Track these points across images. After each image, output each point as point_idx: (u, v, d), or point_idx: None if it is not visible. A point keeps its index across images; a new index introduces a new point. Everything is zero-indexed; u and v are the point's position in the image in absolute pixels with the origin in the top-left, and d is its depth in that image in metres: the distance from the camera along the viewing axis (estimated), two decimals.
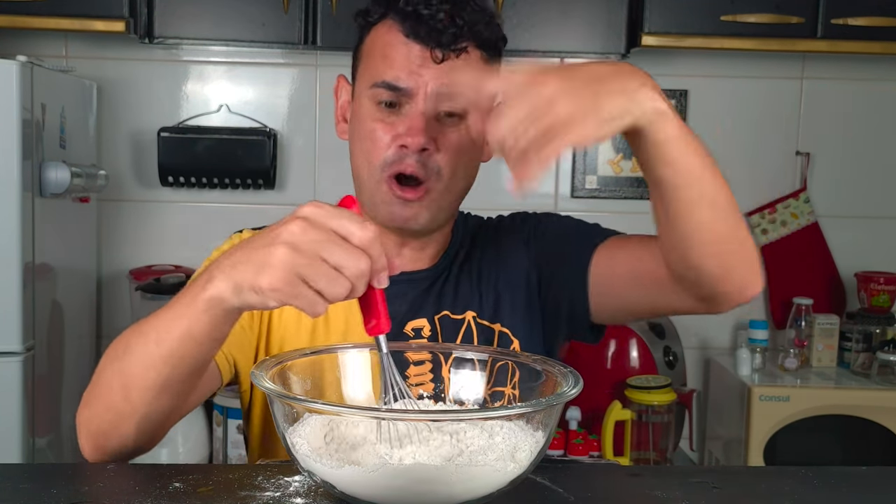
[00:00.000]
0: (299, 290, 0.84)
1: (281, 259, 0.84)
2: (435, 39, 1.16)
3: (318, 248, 0.84)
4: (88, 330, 2.56)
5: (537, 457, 0.86)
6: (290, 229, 0.85)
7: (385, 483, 0.81)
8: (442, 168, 1.20)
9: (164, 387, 0.98)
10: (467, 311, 1.27)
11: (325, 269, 0.84)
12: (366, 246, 0.85)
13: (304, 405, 0.87)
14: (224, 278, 0.88)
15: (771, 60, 2.73)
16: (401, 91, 1.18)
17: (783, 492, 0.95)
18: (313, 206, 0.86)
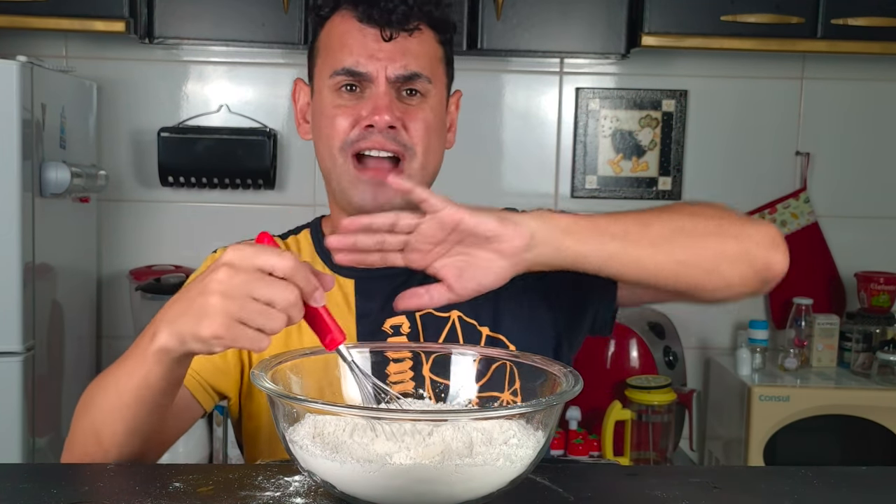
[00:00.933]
0: (238, 332, 0.88)
1: (215, 307, 0.88)
2: (387, 19, 1.19)
3: (247, 289, 0.88)
4: (88, 330, 2.56)
5: (537, 457, 0.86)
6: (218, 277, 0.89)
7: (385, 483, 0.81)
8: (414, 145, 1.21)
9: (130, 431, 1.04)
10: (452, 311, 1.25)
11: (258, 307, 0.88)
12: (289, 275, 0.88)
13: (304, 405, 0.87)
14: (168, 331, 0.93)
15: (771, 60, 2.73)
16: (361, 75, 1.20)
17: (783, 492, 0.95)
18: (233, 250, 0.90)
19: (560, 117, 2.76)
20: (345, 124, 1.21)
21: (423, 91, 1.22)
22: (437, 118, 1.25)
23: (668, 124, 2.76)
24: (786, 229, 2.77)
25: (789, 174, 2.81)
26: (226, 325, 0.88)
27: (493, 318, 1.25)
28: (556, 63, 2.75)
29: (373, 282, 1.26)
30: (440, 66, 1.26)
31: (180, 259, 2.66)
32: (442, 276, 1.03)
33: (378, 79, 1.20)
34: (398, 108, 1.21)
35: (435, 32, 1.25)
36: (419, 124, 1.22)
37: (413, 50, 1.21)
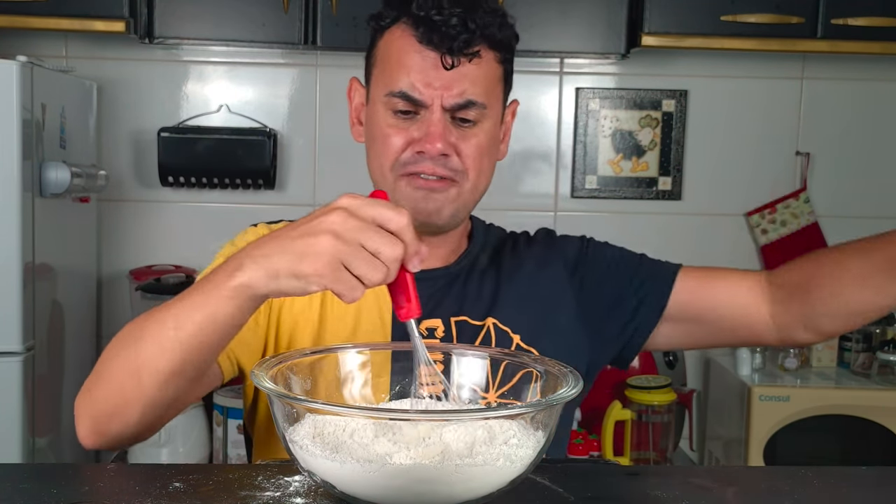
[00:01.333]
0: (341, 274, 0.88)
1: (325, 246, 0.88)
2: (447, 45, 1.17)
3: (359, 235, 0.88)
4: (88, 330, 2.56)
5: (537, 457, 0.86)
6: (332, 219, 0.88)
7: (385, 483, 0.81)
8: (467, 170, 1.22)
9: (175, 372, 1.00)
10: (488, 318, 1.26)
11: (365, 255, 0.88)
12: (401, 231, 0.89)
13: (304, 405, 0.87)
14: (256, 267, 0.91)
15: (771, 60, 2.73)
16: (416, 102, 1.19)
17: (783, 492, 0.95)
18: (351, 198, 0.90)
19: (560, 117, 2.76)
20: (397, 145, 1.21)
21: (479, 117, 1.21)
22: (491, 139, 1.24)
23: (668, 124, 2.76)
24: (786, 229, 2.77)
25: (789, 174, 2.81)
26: (331, 265, 0.88)
27: (528, 329, 1.26)
28: (556, 63, 2.75)
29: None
30: (498, 87, 1.24)
31: (180, 259, 2.66)
32: None
33: (433, 106, 1.19)
34: (452, 134, 1.20)
35: (496, 53, 1.22)
36: (472, 150, 1.21)
37: (471, 76, 1.19)
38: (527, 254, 1.35)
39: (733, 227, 2.81)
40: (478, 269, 1.31)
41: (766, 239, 2.77)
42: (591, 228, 2.71)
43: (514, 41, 1.25)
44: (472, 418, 0.88)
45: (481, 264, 1.32)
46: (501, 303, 1.27)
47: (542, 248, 1.36)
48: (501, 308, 1.27)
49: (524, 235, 1.40)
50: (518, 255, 1.34)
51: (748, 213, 2.79)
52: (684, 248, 2.80)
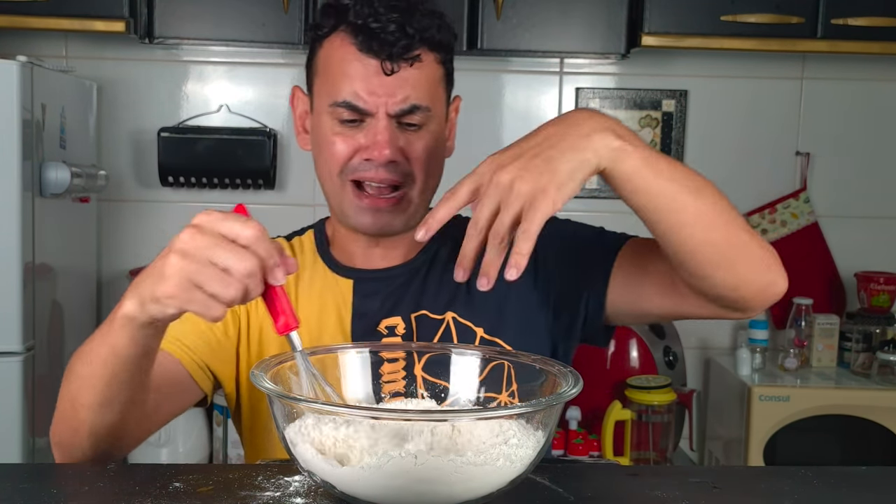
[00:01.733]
0: (193, 294, 0.87)
1: (173, 267, 0.87)
2: (387, 52, 1.17)
3: (207, 252, 0.87)
4: (88, 330, 2.53)
5: (537, 457, 0.86)
6: (181, 238, 0.88)
7: (384, 483, 0.81)
8: (415, 174, 1.21)
9: (103, 402, 1.03)
10: (447, 312, 1.25)
11: (215, 272, 0.86)
12: (251, 244, 0.87)
13: (303, 405, 0.87)
14: (131, 296, 0.94)
15: (771, 60, 2.73)
16: (361, 111, 1.19)
17: (783, 492, 0.95)
18: (203, 214, 0.90)
19: None
20: (344, 152, 1.21)
21: (424, 121, 1.21)
22: (438, 139, 1.24)
23: (668, 124, 2.76)
24: (786, 229, 2.77)
25: (789, 174, 2.81)
26: (181, 285, 0.87)
27: (489, 321, 1.25)
28: (556, 63, 2.75)
29: (372, 282, 1.27)
30: (440, 87, 1.25)
31: None
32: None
33: (378, 113, 1.19)
34: (399, 139, 1.20)
35: (437, 54, 1.23)
36: (420, 153, 1.21)
37: (413, 81, 1.19)
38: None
39: None
40: (438, 262, 1.29)
41: (766, 239, 2.77)
42: None
43: (453, 41, 1.25)
44: (471, 418, 0.88)
45: (441, 257, 1.30)
46: (461, 295, 1.25)
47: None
48: (461, 301, 1.25)
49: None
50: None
51: (748, 213, 2.79)
52: None
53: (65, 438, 1.08)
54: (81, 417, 1.04)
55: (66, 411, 1.06)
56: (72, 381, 1.05)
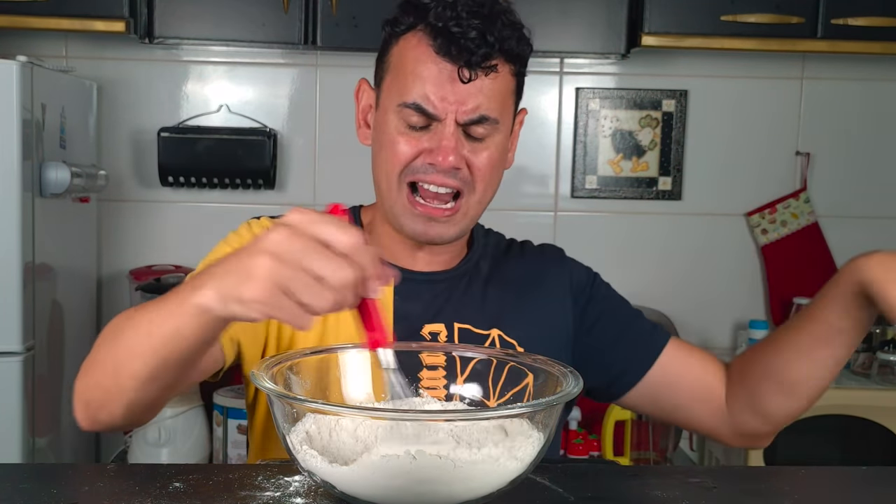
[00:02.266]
0: (282, 302, 0.80)
1: (263, 270, 0.80)
2: (465, 59, 1.14)
3: (300, 257, 0.79)
4: (88, 330, 2.56)
5: (537, 457, 0.86)
6: (274, 238, 0.81)
7: (384, 483, 0.81)
8: (475, 183, 1.20)
9: (151, 377, 0.97)
10: (493, 329, 1.25)
11: (308, 279, 0.79)
12: (350, 252, 0.80)
13: (304, 405, 0.87)
14: (212, 287, 0.85)
15: (771, 60, 2.73)
16: (430, 115, 1.17)
17: (783, 492, 0.95)
18: (297, 213, 0.82)
19: (560, 117, 2.76)
20: (407, 153, 1.18)
21: (491, 132, 1.19)
22: (500, 152, 1.23)
23: (668, 124, 2.76)
24: (786, 229, 2.77)
25: (789, 174, 2.81)
26: (270, 290, 0.80)
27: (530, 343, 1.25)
28: (556, 63, 2.75)
29: (413, 284, 1.25)
30: (510, 100, 1.23)
31: (180, 259, 2.66)
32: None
33: (447, 120, 1.16)
34: (464, 147, 1.18)
35: (512, 66, 1.21)
36: (483, 164, 1.20)
37: (487, 91, 1.17)
38: (533, 267, 1.33)
39: (733, 227, 2.81)
40: (480, 275, 1.30)
41: (766, 239, 2.78)
42: (591, 228, 2.74)
43: (529, 53, 1.25)
44: (472, 418, 0.87)
45: (483, 271, 1.30)
46: (507, 315, 1.26)
47: (551, 264, 1.34)
48: (507, 320, 1.26)
49: (528, 245, 1.38)
50: (523, 266, 1.33)
51: (748, 213, 2.79)
52: (684, 248, 2.81)
53: (95, 399, 1.02)
54: (123, 386, 0.98)
55: (106, 375, 1.00)
56: (119, 348, 0.98)
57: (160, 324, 0.92)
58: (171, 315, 0.91)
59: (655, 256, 2.80)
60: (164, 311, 0.92)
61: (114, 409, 1.01)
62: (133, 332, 0.96)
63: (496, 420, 0.88)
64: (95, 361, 1.02)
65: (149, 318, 0.94)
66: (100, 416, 1.03)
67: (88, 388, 1.02)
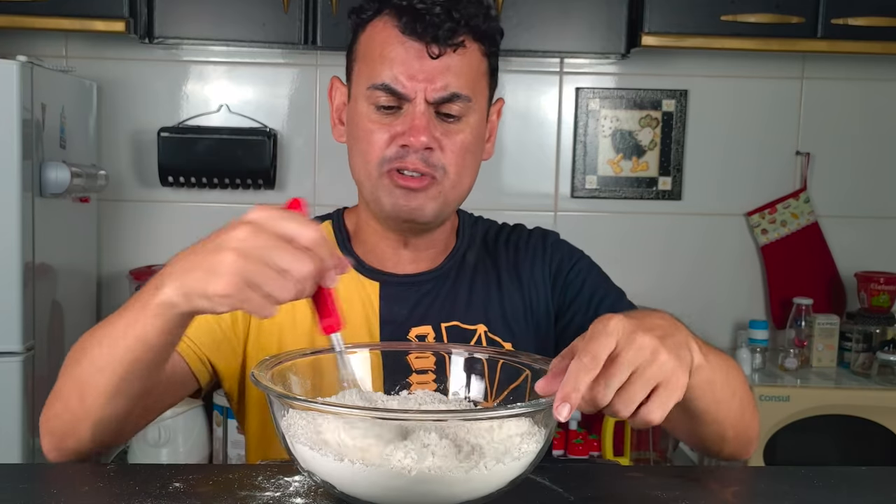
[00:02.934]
0: (248, 294, 0.84)
1: (229, 266, 0.84)
2: (432, 34, 1.14)
3: (265, 253, 0.84)
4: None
5: (537, 457, 0.86)
6: (238, 235, 0.85)
7: (384, 483, 0.81)
8: (447, 166, 1.19)
9: (116, 391, 1.00)
10: (479, 324, 1.25)
11: (272, 273, 0.84)
12: (311, 246, 0.85)
13: (303, 405, 0.87)
14: (174, 284, 0.89)
15: (771, 60, 2.73)
16: (399, 95, 1.16)
17: (783, 492, 0.95)
18: (259, 211, 0.86)
19: (560, 117, 2.76)
20: (381, 141, 1.18)
21: (463, 111, 1.18)
22: (476, 136, 1.21)
23: (668, 124, 2.76)
24: (786, 229, 2.77)
25: (789, 174, 2.81)
26: (236, 285, 0.84)
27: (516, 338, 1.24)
28: (556, 63, 2.75)
29: (399, 287, 1.25)
30: (483, 80, 1.22)
31: None
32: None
33: (416, 99, 1.16)
34: (436, 128, 1.17)
35: (481, 45, 1.19)
36: (456, 146, 1.19)
37: (455, 68, 1.16)
38: (520, 255, 1.32)
39: (733, 227, 2.81)
40: (466, 268, 1.29)
41: (766, 239, 2.78)
42: (591, 228, 2.74)
43: (498, 35, 1.23)
44: (472, 418, 0.87)
45: (469, 263, 1.29)
46: (492, 310, 1.26)
47: (537, 250, 1.33)
48: (492, 316, 1.26)
49: (518, 231, 1.37)
50: (511, 254, 1.32)
51: (748, 213, 2.79)
52: (684, 248, 2.81)
53: (61, 426, 1.05)
54: (88, 404, 1.01)
55: (70, 398, 1.03)
56: (81, 367, 1.02)
57: (123, 333, 0.96)
58: (134, 321, 0.95)
59: (655, 256, 2.80)
60: (125, 321, 0.96)
61: (81, 433, 1.04)
62: (96, 348, 1.00)
63: (496, 420, 0.88)
64: (59, 390, 1.05)
65: (109, 332, 0.99)
66: (67, 444, 1.06)
67: (54, 417, 1.06)
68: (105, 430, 1.04)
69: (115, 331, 0.97)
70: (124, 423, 1.06)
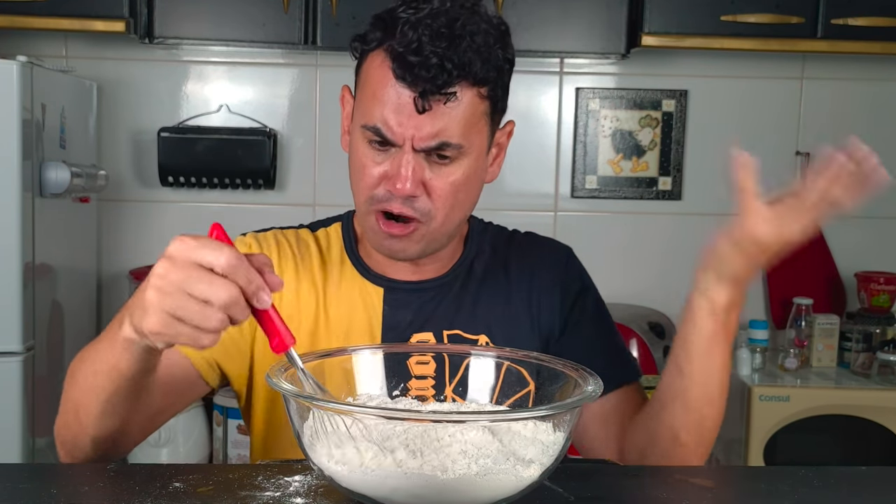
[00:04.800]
0: (177, 329, 0.86)
1: (151, 302, 0.86)
2: (421, 87, 1.10)
3: (182, 285, 0.85)
4: (88, 330, 2.56)
5: (556, 460, 0.85)
6: (157, 271, 0.87)
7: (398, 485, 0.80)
8: (433, 210, 1.16)
9: (103, 413, 1.03)
10: (481, 335, 1.24)
11: (194, 304, 0.85)
12: (228, 273, 0.85)
13: (319, 405, 0.86)
14: (128, 319, 0.92)
15: (771, 60, 2.73)
16: (388, 141, 1.14)
17: (783, 492, 0.95)
18: (176, 242, 0.87)
19: (560, 117, 2.76)
20: (371, 178, 1.17)
21: (455, 156, 1.16)
22: (470, 174, 1.18)
23: (668, 124, 2.76)
24: None
25: (789, 174, 2.81)
26: (163, 321, 0.86)
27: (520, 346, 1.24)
28: (556, 63, 2.75)
29: (404, 293, 1.24)
30: (480, 122, 1.17)
31: None
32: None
33: (404, 147, 1.14)
34: (425, 171, 1.15)
35: (479, 88, 1.14)
36: (444, 188, 1.16)
37: (447, 118, 1.12)
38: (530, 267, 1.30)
39: None
40: (473, 277, 1.27)
41: None
42: (591, 228, 2.74)
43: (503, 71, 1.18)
44: (490, 419, 0.86)
45: (476, 272, 1.28)
46: (496, 321, 1.25)
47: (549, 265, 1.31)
48: (495, 327, 1.25)
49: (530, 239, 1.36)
50: (520, 264, 1.30)
51: None
52: (684, 248, 2.81)
53: (68, 439, 1.09)
54: (83, 423, 1.05)
55: (69, 414, 1.07)
56: (74, 388, 1.05)
57: (101, 360, 0.99)
58: (108, 350, 0.97)
59: (655, 256, 2.80)
60: (101, 347, 0.99)
61: (83, 446, 1.08)
62: (83, 371, 1.03)
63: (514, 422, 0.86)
64: (64, 402, 1.09)
65: (92, 357, 1.01)
66: (75, 454, 1.10)
67: (62, 428, 1.10)
68: (104, 444, 1.08)
69: (97, 357, 1.00)
70: (123, 436, 1.09)
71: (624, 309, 2.56)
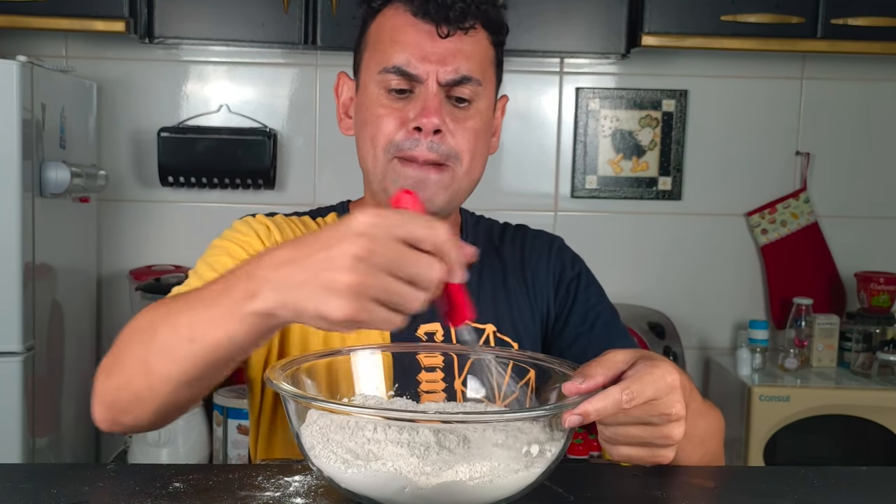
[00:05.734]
0: (374, 313, 0.78)
1: (348, 286, 0.76)
2: (443, 14, 1.15)
3: (389, 267, 0.77)
4: (88, 330, 2.56)
5: (555, 461, 0.85)
6: (353, 251, 0.77)
7: (395, 485, 0.80)
8: (460, 152, 1.18)
9: (188, 382, 0.93)
10: (488, 324, 1.24)
11: (399, 286, 0.77)
12: (438, 249, 0.79)
13: (318, 405, 0.86)
14: (275, 296, 0.81)
15: (771, 60, 2.73)
16: (412, 77, 1.16)
17: (783, 492, 0.95)
18: (372, 218, 0.78)
19: (560, 117, 2.76)
20: (391, 126, 1.17)
21: (473, 95, 1.19)
22: (485, 123, 1.21)
23: (668, 124, 2.76)
24: (786, 229, 2.77)
25: (789, 174, 2.81)
26: (360, 304, 0.76)
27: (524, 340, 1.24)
28: (556, 63, 2.75)
29: None
30: (491, 69, 1.23)
31: (180, 259, 2.66)
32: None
33: (428, 81, 1.16)
34: (447, 112, 1.17)
35: (489, 33, 1.21)
36: (467, 132, 1.18)
37: (466, 51, 1.17)
38: (525, 257, 1.32)
39: (733, 227, 2.81)
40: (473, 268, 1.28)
41: (766, 239, 2.78)
42: (591, 228, 2.74)
43: (505, 27, 1.24)
44: (491, 419, 0.86)
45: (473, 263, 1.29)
46: (501, 310, 1.26)
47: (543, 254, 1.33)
48: (501, 316, 1.25)
49: (522, 232, 1.37)
50: (516, 256, 1.32)
51: (748, 213, 2.79)
52: (684, 248, 2.81)
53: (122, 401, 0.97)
54: (156, 389, 0.94)
55: (134, 378, 0.95)
56: (151, 350, 0.93)
57: (206, 330, 0.88)
58: (220, 321, 0.86)
59: (655, 256, 2.80)
60: (210, 317, 0.87)
61: (142, 413, 0.97)
62: (171, 334, 0.91)
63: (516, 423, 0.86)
64: (122, 363, 0.97)
65: (189, 323, 0.89)
66: (123, 419, 0.99)
67: (114, 390, 0.97)
68: (167, 413, 0.98)
69: (199, 325, 0.88)
70: (185, 408, 1.00)
71: (624, 309, 2.56)
